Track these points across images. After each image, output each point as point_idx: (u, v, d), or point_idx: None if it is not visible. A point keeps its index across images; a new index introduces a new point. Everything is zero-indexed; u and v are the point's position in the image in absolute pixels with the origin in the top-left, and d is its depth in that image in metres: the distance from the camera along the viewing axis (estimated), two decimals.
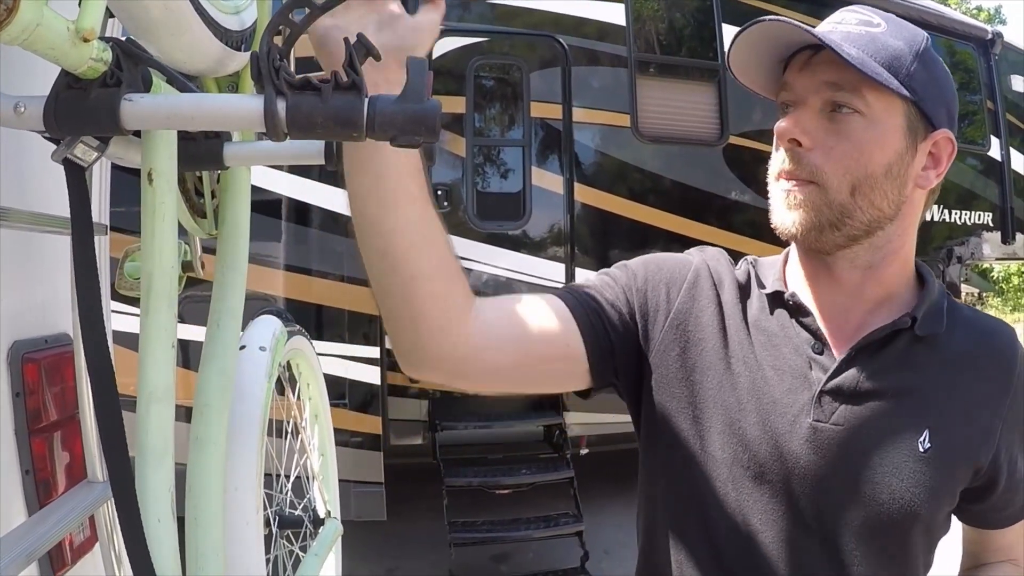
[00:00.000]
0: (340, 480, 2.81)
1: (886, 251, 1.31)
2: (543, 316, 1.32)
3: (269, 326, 1.84)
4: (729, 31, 6.70)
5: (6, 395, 1.65)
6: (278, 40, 0.94)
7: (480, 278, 5.89)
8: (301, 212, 5.34)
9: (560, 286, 5.69)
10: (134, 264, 1.87)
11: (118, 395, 1.10)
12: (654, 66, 6.66)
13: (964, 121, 8.95)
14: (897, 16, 1.30)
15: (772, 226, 1.30)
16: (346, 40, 0.90)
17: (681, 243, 6.18)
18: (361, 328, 5.49)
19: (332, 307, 5.46)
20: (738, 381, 1.31)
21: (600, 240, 6.37)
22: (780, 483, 1.27)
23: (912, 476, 1.25)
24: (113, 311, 2.16)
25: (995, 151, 8.75)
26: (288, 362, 2.13)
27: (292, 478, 2.37)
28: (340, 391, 5.18)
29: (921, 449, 1.25)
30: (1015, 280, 27.12)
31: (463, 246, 5.74)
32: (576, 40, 6.13)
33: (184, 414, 1.28)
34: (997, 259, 10.75)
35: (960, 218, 8.41)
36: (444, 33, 5.32)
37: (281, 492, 2.29)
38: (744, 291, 1.39)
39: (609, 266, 1.42)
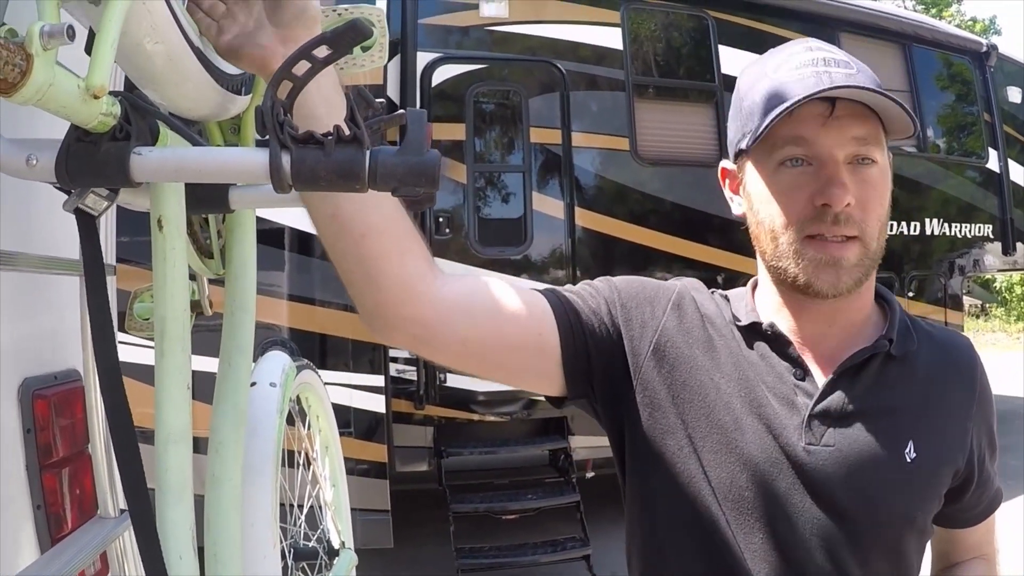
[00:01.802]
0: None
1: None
2: (519, 301, 1.31)
3: (278, 362, 1.86)
4: (725, 52, 6.75)
5: (17, 431, 1.67)
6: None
7: None
8: (304, 241, 5.37)
9: None
10: (143, 305, 1.89)
11: (137, 441, 1.12)
12: (652, 89, 6.70)
13: (962, 133, 8.99)
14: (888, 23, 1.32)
15: (804, 286, 1.29)
16: (347, 93, 0.93)
17: (683, 264, 6.21)
18: (365, 356, 5.50)
19: (336, 336, 5.48)
20: (732, 402, 1.32)
21: (602, 263, 6.36)
22: (780, 503, 1.29)
23: (903, 486, 1.30)
24: (120, 342, 2.18)
25: (993, 163, 8.78)
26: (298, 396, 2.14)
27: (306, 510, 2.39)
28: (345, 419, 5.16)
29: (908, 460, 1.30)
30: (1017, 290, 27.14)
31: (465, 272, 5.75)
32: (574, 65, 6.18)
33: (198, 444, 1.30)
34: (1000, 270, 10.79)
35: (960, 231, 8.44)
36: (443, 60, 5.38)
37: (295, 524, 2.31)
38: (723, 322, 1.40)
39: None
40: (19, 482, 1.67)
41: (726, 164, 1.43)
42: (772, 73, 1.29)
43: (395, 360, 5.58)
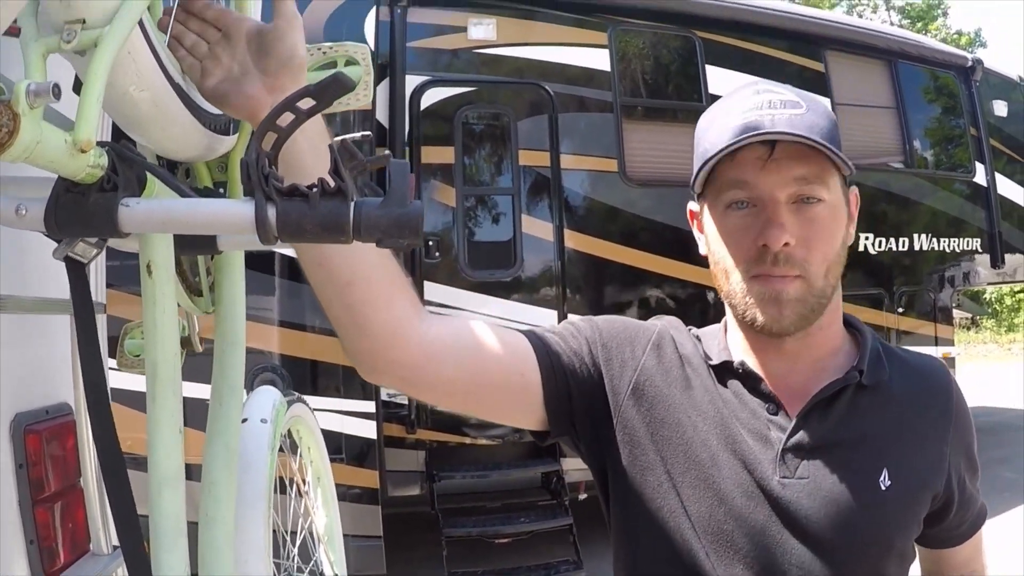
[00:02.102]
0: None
1: (828, 313, 1.35)
2: (502, 342, 1.34)
3: (269, 397, 1.87)
4: (712, 72, 6.78)
5: (9, 467, 1.67)
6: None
7: None
8: (294, 267, 5.36)
9: None
10: (134, 341, 1.89)
11: (128, 483, 1.12)
12: (640, 110, 6.74)
13: (949, 148, 9.04)
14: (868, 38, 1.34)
15: (750, 323, 1.32)
16: (331, 146, 0.93)
17: (672, 285, 6.23)
18: (356, 382, 5.47)
19: (327, 362, 5.47)
20: (708, 439, 1.34)
21: (592, 285, 6.40)
22: (758, 536, 1.31)
23: (880, 513, 1.31)
24: (111, 368, 2.19)
25: (980, 177, 8.82)
26: (289, 429, 2.15)
27: (299, 541, 2.39)
28: (337, 445, 5.16)
29: (883, 487, 1.31)
30: (1008, 301, 27.25)
31: (455, 295, 5.79)
32: (562, 86, 6.20)
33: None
34: (990, 283, 10.83)
35: (949, 245, 8.48)
36: (432, 83, 5.39)
37: (288, 558, 2.31)
38: (697, 361, 1.42)
39: (602, 310, 1.46)
40: (12, 517, 1.67)
41: (691, 205, 1.45)
42: (722, 117, 1.32)
43: None
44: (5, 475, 1.67)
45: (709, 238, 1.38)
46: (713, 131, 1.32)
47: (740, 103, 1.31)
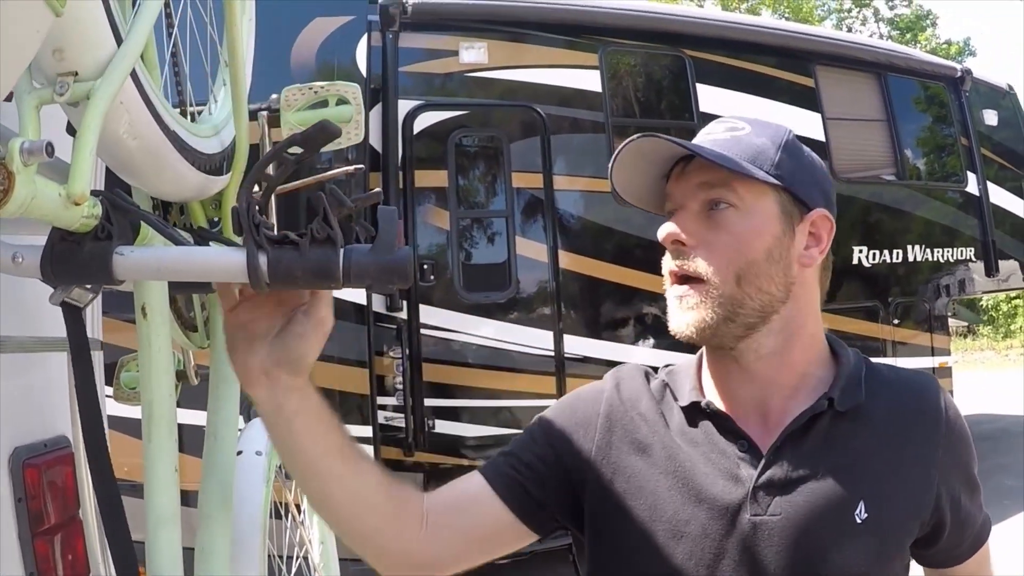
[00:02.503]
0: (339, 559, 2.83)
1: (787, 333, 1.36)
2: (477, 507, 1.40)
3: (263, 430, 1.88)
4: (703, 90, 6.81)
5: (8, 500, 1.68)
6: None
7: (469, 349, 5.92)
8: None
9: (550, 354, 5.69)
10: (130, 374, 1.91)
11: (126, 520, 1.14)
12: (631, 130, 6.68)
13: (940, 156, 9.08)
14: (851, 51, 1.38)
15: (671, 329, 1.35)
16: (320, 196, 0.96)
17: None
18: (353, 407, 5.52)
19: (323, 387, 5.42)
20: (673, 495, 1.34)
21: (587, 304, 6.42)
22: None
23: (855, 548, 1.29)
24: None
25: (972, 186, 8.85)
26: None
27: (295, 568, 2.40)
28: None
29: (858, 520, 1.29)
30: (1004, 308, 27.27)
31: (451, 318, 5.80)
32: (554, 108, 6.21)
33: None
34: (985, 291, 10.84)
35: (943, 255, 8.50)
36: (425, 107, 5.39)
37: None
38: (664, 405, 1.43)
39: (598, 331, 1.51)
40: (12, 550, 1.68)
41: None
42: None
43: (384, 408, 5.59)
44: (5, 508, 1.68)
45: None
46: None
47: (701, 131, 1.42)
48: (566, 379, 5.87)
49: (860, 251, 7.77)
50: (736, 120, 1.40)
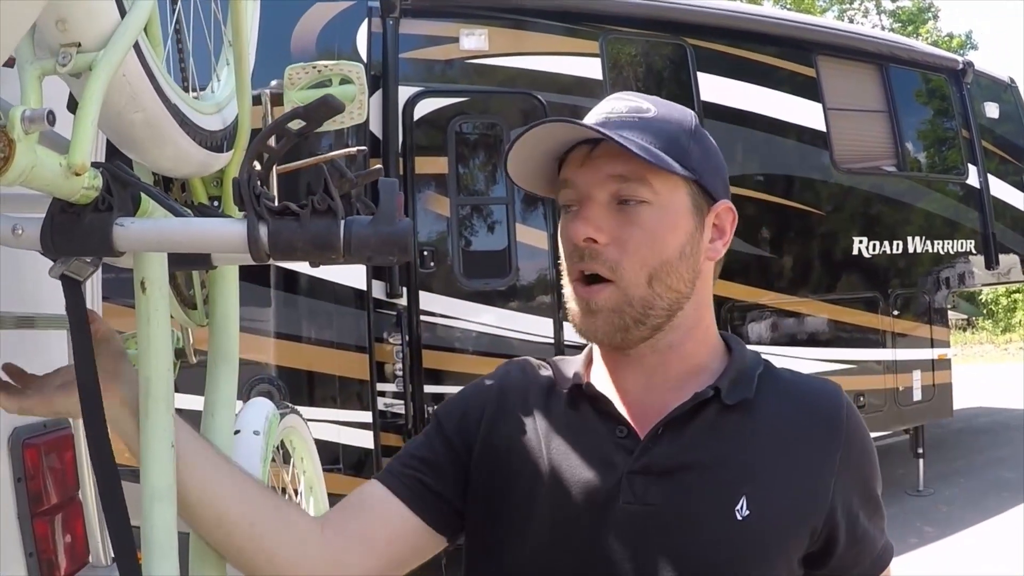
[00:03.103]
0: None
1: (684, 328, 1.31)
2: (375, 510, 1.35)
3: (261, 410, 1.87)
4: (704, 79, 6.81)
5: (8, 480, 1.68)
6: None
7: (469, 336, 5.92)
8: (289, 279, 5.39)
9: (550, 341, 5.67)
10: (129, 352, 1.90)
11: (123, 498, 1.14)
12: None
13: (941, 149, 9.08)
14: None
15: (576, 331, 1.31)
16: (322, 167, 0.96)
17: None
18: (353, 392, 5.53)
19: (323, 373, 5.50)
20: (548, 480, 1.30)
21: None
22: (606, 572, 1.24)
23: (733, 544, 1.22)
24: None
25: (973, 178, 8.86)
26: (282, 440, 2.16)
27: None
28: (334, 456, 5.18)
29: (739, 516, 1.22)
30: (1003, 301, 27.30)
31: (451, 304, 5.80)
32: (554, 95, 6.19)
33: None
34: (985, 284, 10.85)
35: (943, 247, 8.52)
36: (425, 94, 5.39)
37: None
38: (549, 392, 1.39)
39: None
40: (11, 529, 1.68)
41: None
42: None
43: (383, 394, 5.59)
44: (4, 488, 1.68)
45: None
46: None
47: (596, 108, 1.33)
48: None
49: (860, 242, 7.78)
50: (636, 97, 1.33)
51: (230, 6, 1.53)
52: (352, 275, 5.41)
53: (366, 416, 5.45)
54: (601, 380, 1.36)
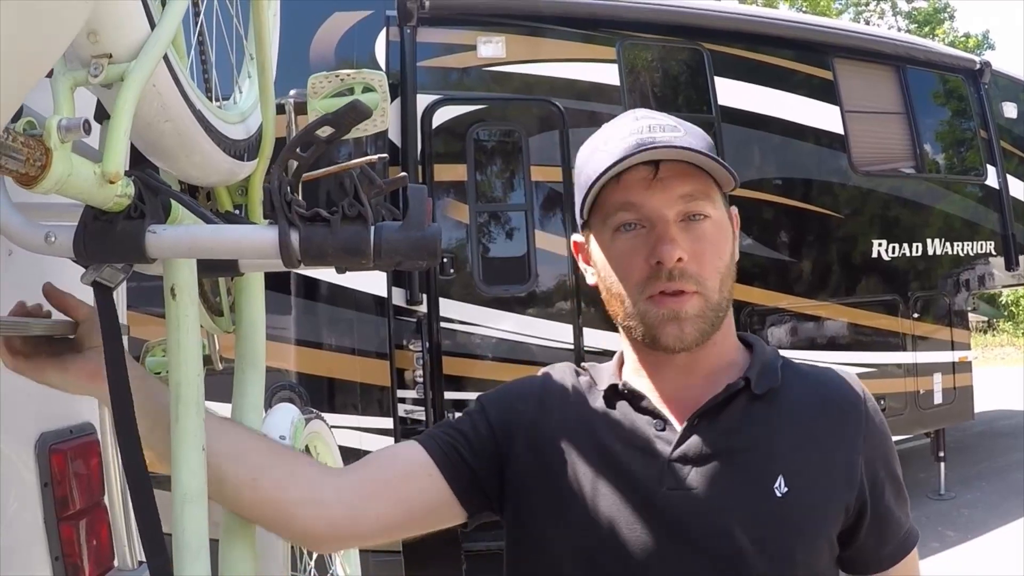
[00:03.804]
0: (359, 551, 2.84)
1: (723, 326, 1.39)
2: (409, 471, 1.40)
3: (287, 415, 1.89)
4: (721, 83, 6.81)
5: (35, 485, 1.70)
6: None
7: (489, 343, 5.94)
8: (310, 286, 5.41)
9: (569, 347, 5.69)
10: (154, 359, 1.92)
11: (154, 500, 1.16)
12: None
13: (960, 150, 9.04)
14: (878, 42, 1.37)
15: (652, 344, 1.36)
16: (351, 173, 0.97)
17: None
18: (373, 399, 5.54)
19: (344, 379, 5.52)
20: (593, 471, 1.36)
21: None
22: (642, 555, 1.30)
23: (776, 520, 1.29)
24: None
25: (992, 179, 8.81)
26: (307, 446, 2.17)
27: (315, 555, 2.41)
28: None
29: (778, 494, 1.29)
30: None
31: (470, 311, 5.81)
32: (572, 102, 6.20)
33: None
34: (1006, 286, 10.79)
35: (963, 249, 8.46)
36: (443, 102, 5.42)
37: (305, 572, 2.33)
38: (588, 393, 1.46)
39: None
40: (38, 534, 1.70)
41: (576, 237, 1.52)
42: (603, 146, 1.36)
43: (403, 401, 5.60)
44: (31, 493, 1.70)
45: (598, 266, 1.42)
46: (595, 159, 1.35)
47: (620, 130, 1.36)
48: None
49: (879, 245, 7.74)
50: (658, 117, 1.38)
51: (252, 17, 1.55)
52: (372, 282, 5.44)
53: (387, 422, 5.47)
54: (636, 380, 1.43)
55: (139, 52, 0.99)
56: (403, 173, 1.02)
